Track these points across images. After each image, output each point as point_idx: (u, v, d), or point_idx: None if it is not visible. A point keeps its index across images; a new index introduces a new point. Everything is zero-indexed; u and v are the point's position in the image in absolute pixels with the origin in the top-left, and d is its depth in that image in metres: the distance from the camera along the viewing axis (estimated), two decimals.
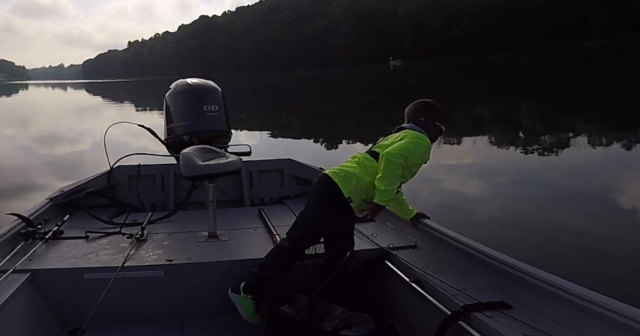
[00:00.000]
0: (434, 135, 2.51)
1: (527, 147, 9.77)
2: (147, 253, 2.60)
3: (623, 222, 4.88)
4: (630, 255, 3.99)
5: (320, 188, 2.34)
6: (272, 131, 14.05)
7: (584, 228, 4.75)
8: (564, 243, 4.33)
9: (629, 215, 5.10)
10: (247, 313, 2.34)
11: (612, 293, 1.63)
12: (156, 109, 23.03)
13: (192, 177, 2.83)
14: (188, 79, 3.59)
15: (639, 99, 15.70)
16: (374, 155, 2.36)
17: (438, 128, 2.51)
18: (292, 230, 2.41)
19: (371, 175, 2.31)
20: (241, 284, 2.36)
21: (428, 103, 2.58)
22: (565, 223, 4.92)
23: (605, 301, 1.59)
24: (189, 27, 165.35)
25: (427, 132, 2.47)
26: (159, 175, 3.84)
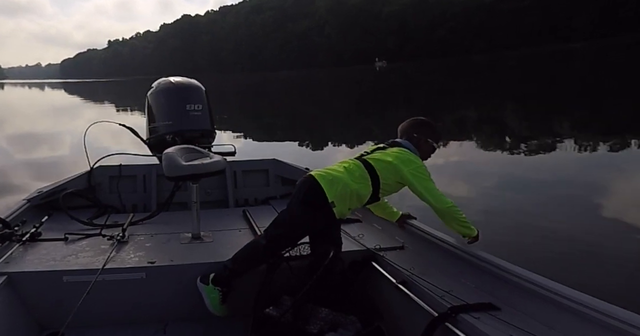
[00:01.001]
0: (426, 153, 2.55)
1: (512, 148, 9.91)
2: (128, 255, 2.58)
3: (607, 223, 4.96)
4: (614, 256, 4.06)
5: (304, 189, 2.34)
6: (256, 132, 14.02)
7: (567, 228, 4.81)
8: (547, 243, 4.39)
9: (612, 216, 5.18)
10: (212, 305, 2.37)
11: (594, 293, 1.66)
12: (137, 109, 22.80)
13: (175, 177, 2.81)
14: (171, 78, 3.57)
15: (622, 101, 16.02)
16: (367, 165, 2.37)
17: (430, 146, 2.54)
18: (271, 229, 2.42)
19: (358, 183, 2.32)
20: (210, 275, 2.37)
21: (422, 121, 2.61)
22: (548, 223, 4.98)
23: (592, 302, 1.60)
24: (171, 26, 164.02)
25: (420, 148, 2.50)
26: (141, 175, 3.80)
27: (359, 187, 2.32)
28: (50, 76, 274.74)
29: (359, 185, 2.32)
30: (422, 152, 2.50)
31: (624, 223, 4.95)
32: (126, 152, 3.90)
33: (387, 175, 2.36)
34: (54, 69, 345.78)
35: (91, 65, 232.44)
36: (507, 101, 19.33)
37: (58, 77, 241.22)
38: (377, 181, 2.36)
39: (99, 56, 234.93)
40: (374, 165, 2.37)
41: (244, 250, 2.41)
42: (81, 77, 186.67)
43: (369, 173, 2.35)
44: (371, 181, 2.35)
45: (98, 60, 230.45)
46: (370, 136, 12.76)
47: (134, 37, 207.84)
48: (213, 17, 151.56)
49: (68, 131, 15.21)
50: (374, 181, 2.35)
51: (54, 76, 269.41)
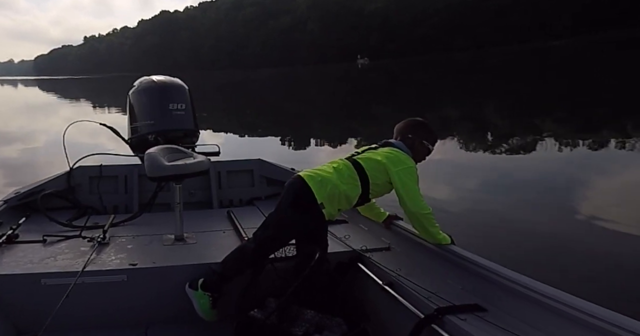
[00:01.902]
0: (420, 154, 2.52)
1: (494, 146, 10.06)
2: (109, 257, 2.55)
3: (585, 221, 5.05)
4: (596, 255, 4.13)
5: (293, 190, 2.33)
6: (237, 131, 13.96)
7: (545, 226, 4.90)
8: (526, 241, 4.46)
9: (591, 214, 5.26)
10: (202, 310, 2.35)
11: (574, 291, 1.69)
12: (115, 107, 22.52)
13: (158, 177, 2.79)
14: (153, 76, 3.53)
15: (602, 99, 16.36)
16: (356, 165, 2.37)
17: (425, 148, 2.52)
18: (260, 231, 2.41)
19: (347, 184, 2.32)
20: (199, 280, 2.36)
21: (418, 122, 2.59)
22: (527, 221, 5.06)
23: (579, 303, 1.62)
24: (149, 22, 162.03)
25: (413, 150, 2.48)
26: (122, 175, 3.76)
27: (348, 188, 2.32)
28: (23, 73, 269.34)
29: (347, 186, 2.32)
30: (416, 153, 2.48)
31: (602, 221, 5.04)
32: (107, 152, 3.85)
33: (376, 174, 2.35)
34: (27, 66, 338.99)
35: (66, 62, 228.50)
36: (489, 99, 19.58)
37: (31, 74, 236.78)
38: (366, 181, 2.34)
39: (75, 53, 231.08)
40: (363, 164, 2.36)
41: (233, 254, 2.39)
42: (56, 74, 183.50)
43: (358, 174, 2.34)
44: (360, 181, 2.34)
45: (73, 56, 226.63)
46: (353, 134, 12.82)
47: (111, 34, 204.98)
48: (192, 13, 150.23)
49: (43, 130, 14.96)
50: (363, 181, 2.34)
51: (27, 73, 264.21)
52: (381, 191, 2.42)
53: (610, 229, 4.80)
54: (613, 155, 8.56)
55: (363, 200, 2.42)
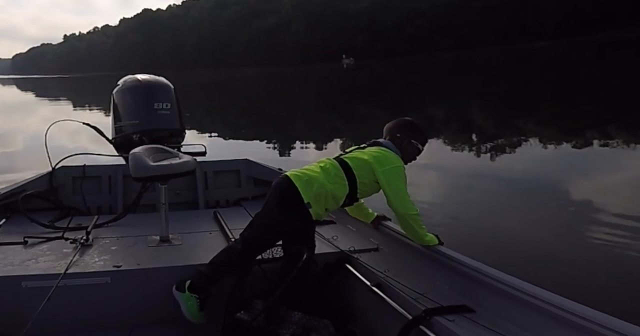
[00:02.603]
0: (410, 154, 2.50)
1: (480, 146, 10.17)
2: (92, 259, 2.53)
3: (572, 223, 5.12)
4: (577, 255, 4.20)
5: (280, 190, 2.33)
6: (221, 131, 13.90)
7: (533, 227, 4.95)
8: (514, 242, 4.51)
9: (577, 216, 5.36)
10: (190, 312, 2.34)
11: (560, 291, 1.71)
12: (96, 107, 22.25)
13: (143, 178, 2.78)
14: (137, 75, 3.52)
15: (586, 100, 16.64)
16: (343, 164, 2.37)
17: (415, 147, 2.50)
18: (247, 232, 2.40)
19: (334, 184, 2.32)
20: (187, 282, 2.35)
21: (408, 121, 2.58)
22: (514, 223, 5.13)
23: (567, 304, 1.63)
24: (131, 20, 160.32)
25: (402, 149, 2.46)
26: (106, 176, 3.73)
27: (335, 187, 2.32)
28: (1, 72, 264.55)
29: (334, 185, 2.32)
30: (405, 153, 2.46)
31: (587, 220, 5.13)
32: (90, 152, 3.82)
33: (362, 173, 2.35)
34: (4, 64, 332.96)
35: (46, 60, 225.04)
36: (474, 99, 19.77)
37: (9, 73, 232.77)
38: (353, 180, 2.34)
39: (54, 51, 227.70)
40: (350, 163, 2.36)
41: (220, 256, 2.38)
42: (35, 72, 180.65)
43: (345, 173, 2.34)
44: (348, 181, 2.34)
45: (53, 55, 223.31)
46: (339, 134, 12.86)
47: (92, 32, 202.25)
48: (175, 11, 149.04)
49: (22, 129, 14.71)
50: (351, 181, 2.34)
51: (4, 71, 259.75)
52: (369, 191, 2.42)
53: (595, 229, 4.88)
54: (597, 155, 8.71)
55: (351, 200, 2.42)
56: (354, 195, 2.39)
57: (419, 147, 2.52)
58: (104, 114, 18.85)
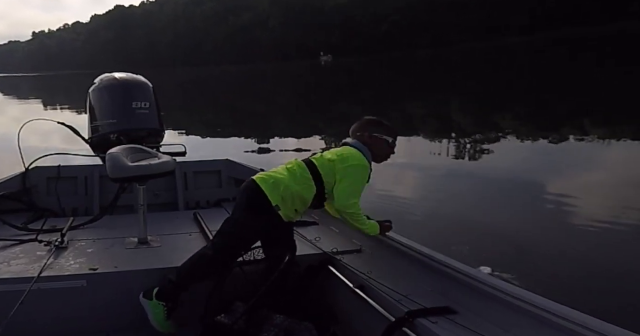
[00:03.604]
0: (380, 149, 2.47)
1: (457, 143, 10.30)
2: (67, 261, 2.49)
3: (550, 221, 5.20)
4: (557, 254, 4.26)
5: (246, 194, 2.33)
6: (199, 130, 13.78)
7: (511, 226, 5.02)
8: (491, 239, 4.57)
9: (555, 214, 5.44)
10: (157, 321, 2.30)
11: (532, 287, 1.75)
12: (68, 106, 21.79)
13: (120, 178, 2.75)
14: (115, 73, 3.47)
15: (559, 96, 16.99)
16: (310, 164, 2.37)
17: (381, 140, 2.47)
18: (216, 238, 2.39)
19: (300, 185, 2.31)
20: (154, 289, 2.32)
21: (369, 119, 2.57)
22: (493, 221, 5.18)
23: (549, 305, 1.66)
24: (103, 17, 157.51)
25: (371, 146, 2.44)
26: (82, 176, 3.67)
27: (301, 188, 2.31)
28: None
29: (301, 186, 2.31)
30: (374, 149, 2.44)
31: (563, 217, 5.24)
32: (65, 151, 3.75)
33: (327, 172, 2.35)
34: None
35: (13, 58, 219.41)
36: (451, 96, 20.01)
37: None
38: (320, 181, 2.34)
39: (22, 48, 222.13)
40: (317, 163, 2.37)
41: (190, 262, 2.34)
42: (1, 71, 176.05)
43: (311, 173, 2.34)
44: (314, 181, 2.33)
45: (21, 53, 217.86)
46: (317, 132, 12.87)
47: (62, 29, 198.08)
48: (149, 8, 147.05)
49: None
50: (317, 181, 2.34)
51: None
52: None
53: (572, 225, 4.99)
54: (572, 151, 8.92)
55: (320, 200, 2.41)
56: (321, 196, 2.39)
57: (386, 139, 2.49)
58: (76, 114, 18.50)
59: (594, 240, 4.55)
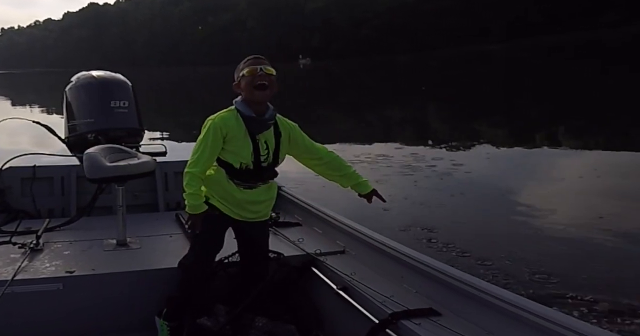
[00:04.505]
0: (247, 91, 2.26)
1: (434, 148, 10.45)
2: (42, 264, 2.45)
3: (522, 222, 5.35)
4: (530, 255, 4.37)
5: None
6: (178, 132, 13.66)
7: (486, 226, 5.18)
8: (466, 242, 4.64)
9: (526, 212, 5.62)
10: None
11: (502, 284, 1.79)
12: (39, 105, 21.36)
13: (98, 179, 2.72)
14: (92, 72, 3.43)
15: (535, 103, 17.37)
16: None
17: (244, 81, 2.26)
18: (192, 242, 2.39)
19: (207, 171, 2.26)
20: (164, 309, 2.32)
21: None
22: (468, 223, 5.30)
23: (532, 306, 1.68)
24: (76, 14, 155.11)
25: (244, 94, 2.28)
26: (59, 177, 3.60)
27: (208, 174, 2.27)
28: None
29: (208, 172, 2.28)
30: (245, 94, 2.27)
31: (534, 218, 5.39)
32: (41, 151, 3.68)
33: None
34: None
35: None
36: (428, 102, 20.30)
37: None
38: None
39: None
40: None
41: (180, 276, 2.33)
42: None
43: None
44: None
45: None
46: None
47: (33, 26, 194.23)
48: (124, 6, 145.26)
49: None
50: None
51: None
52: (230, 156, 2.28)
53: (545, 227, 5.12)
54: (544, 157, 9.15)
55: (228, 168, 2.28)
56: (225, 164, 2.28)
57: (243, 74, 2.27)
58: (47, 113, 18.15)
59: (551, 236, 4.76)
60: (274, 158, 2.31)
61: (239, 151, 2.24)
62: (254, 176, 2.28)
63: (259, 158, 2.27)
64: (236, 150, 2.24)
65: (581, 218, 5.40)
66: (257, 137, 2.26)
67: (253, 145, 2.25)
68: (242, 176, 2.27)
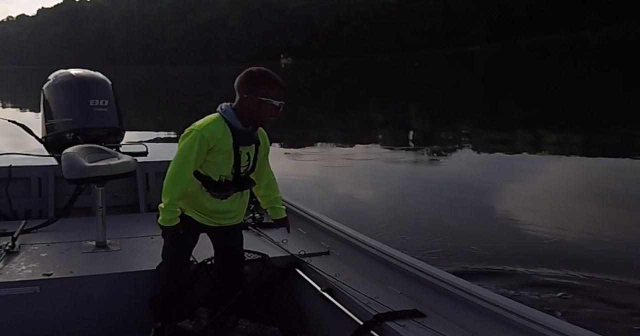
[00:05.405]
0: (263, 117, 2.18)
1: (416, 148, 10.57)
2: (19, 267, 2.42)
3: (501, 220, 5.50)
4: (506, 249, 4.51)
5: None
6: (157, 131, 13.55)
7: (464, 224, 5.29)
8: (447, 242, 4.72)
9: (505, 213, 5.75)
10: None
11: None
12: (11, 104, 20.99)
13: (77, 179, 2.70)
14: (71, 70, 3.39)
15: (517, 104, 17.65)
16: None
17: (264, 104, 2.15)
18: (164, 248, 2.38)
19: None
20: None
21: (245, 74, 2.28)
22: (448, 223, 5.39)
23: (516, 307, 1.70)
24: (51, 11, 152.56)
25: (245, 111, 2.17)
26: (36, 177, 3.54)
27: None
28: None
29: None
30: (255, 113, 2.17)
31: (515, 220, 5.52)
32: (17, 151, 3.62)
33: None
34: None
35: None
36: (411, 103, 20.46)
37: None
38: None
39: None
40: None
41: (158, 281, 2.33)
42: None
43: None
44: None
45: None
46: (275, 135, 12.86)
47: (5, 21, 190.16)
48: (101, 2, 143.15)
49: None
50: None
51: None
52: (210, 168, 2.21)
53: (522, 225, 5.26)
54: (522, 158, 9.32)
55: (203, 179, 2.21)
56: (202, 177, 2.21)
57: (259, 99, 2.15)
58: (22, 112, 17.81)
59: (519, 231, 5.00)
60: (252, 167, 2.28)
61: (221, 164, 2.17)
62: (231, 186, 2.24)
63: (239, 170, 2.22)
64: (219, 163, 2.16)
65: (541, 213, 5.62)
66: (239, 150, 2.19)
67: (235, 157, 2.18)
68: (219, 187, 2.20)
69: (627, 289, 3.64)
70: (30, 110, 16.30)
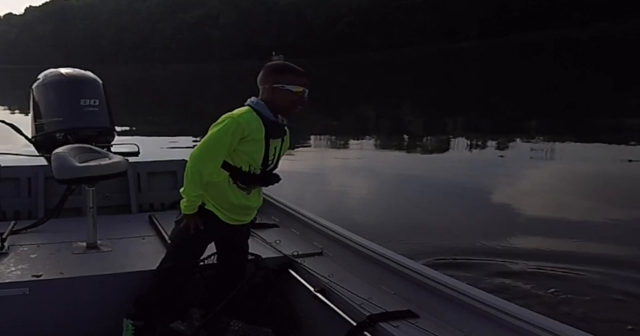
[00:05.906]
0: (291, 107, 2.20)
1: (409, 146, 10.61)
2: (7, 268, 2.41)
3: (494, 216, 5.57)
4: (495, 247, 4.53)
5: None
6: (148, 131, 13.50)
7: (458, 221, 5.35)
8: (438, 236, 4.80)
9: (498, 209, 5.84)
10: None
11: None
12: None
13: (67, 180, 2.67)
14: (61, 69, 3.37)
15: (508, 100, 17.78)
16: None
17: (286, 94, 2.18)
18: (170, 247, 2.38)
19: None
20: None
21: (266, 67, 2.30)
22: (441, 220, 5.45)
23: (510, 308, 1.71)
24: (39, 9, 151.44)
25: (270, 103, 2.20)
26: (25, 178, 3.52)
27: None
28: None
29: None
30: (281, 103, 2.19)
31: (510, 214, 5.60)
32: (6, 151, 3.60)
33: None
34: None
35: None
36: (404, 100, 20.52)
37: None
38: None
39: None
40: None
41: (156, 281, 2.30)
42: None
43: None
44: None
45: None
46: None
47: None
48: (90, 1, 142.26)
49: None
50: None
51: None
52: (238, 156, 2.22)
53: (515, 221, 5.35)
54: (514, 155, 9.39)
55: (232, 171, 2.22)
56: (230, 167, 2.22)
57: (290, 90, 2.19)
58: (9, 111, 17.68)
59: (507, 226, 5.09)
60: (276, 163, 2.32)
61: (252, 155, 2.18)
62: (257, 180, 2.26)
63: (267, 163, 2.24)
64: (250, 152, 2.18)
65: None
66: (269, 142, 2.21)
67: (265, 149, 2.20)
68: (247, 179, 2.22)
69: (618, 285, 3.68)
70: (19, 109, 16.17)
